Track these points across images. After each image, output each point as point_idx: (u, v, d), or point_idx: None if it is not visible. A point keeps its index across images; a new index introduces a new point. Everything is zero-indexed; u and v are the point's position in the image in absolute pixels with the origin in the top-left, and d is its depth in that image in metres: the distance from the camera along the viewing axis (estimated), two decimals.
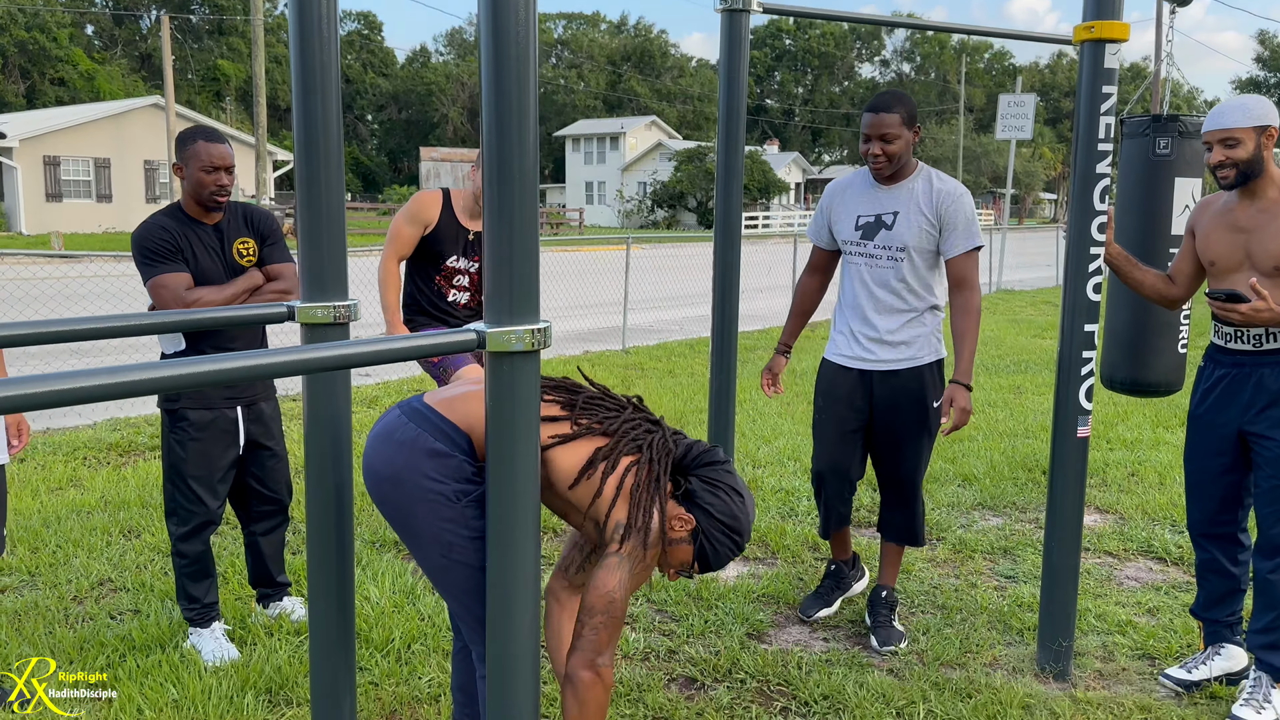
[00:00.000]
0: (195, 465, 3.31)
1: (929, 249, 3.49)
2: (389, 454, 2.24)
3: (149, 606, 3.68)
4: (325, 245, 2.50)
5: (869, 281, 3.56)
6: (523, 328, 2.01)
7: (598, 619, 2.20)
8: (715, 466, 2.33)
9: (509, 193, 1.98)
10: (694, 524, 2.28)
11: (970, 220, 3.47)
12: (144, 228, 3.24)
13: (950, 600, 3.94)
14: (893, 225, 3.50)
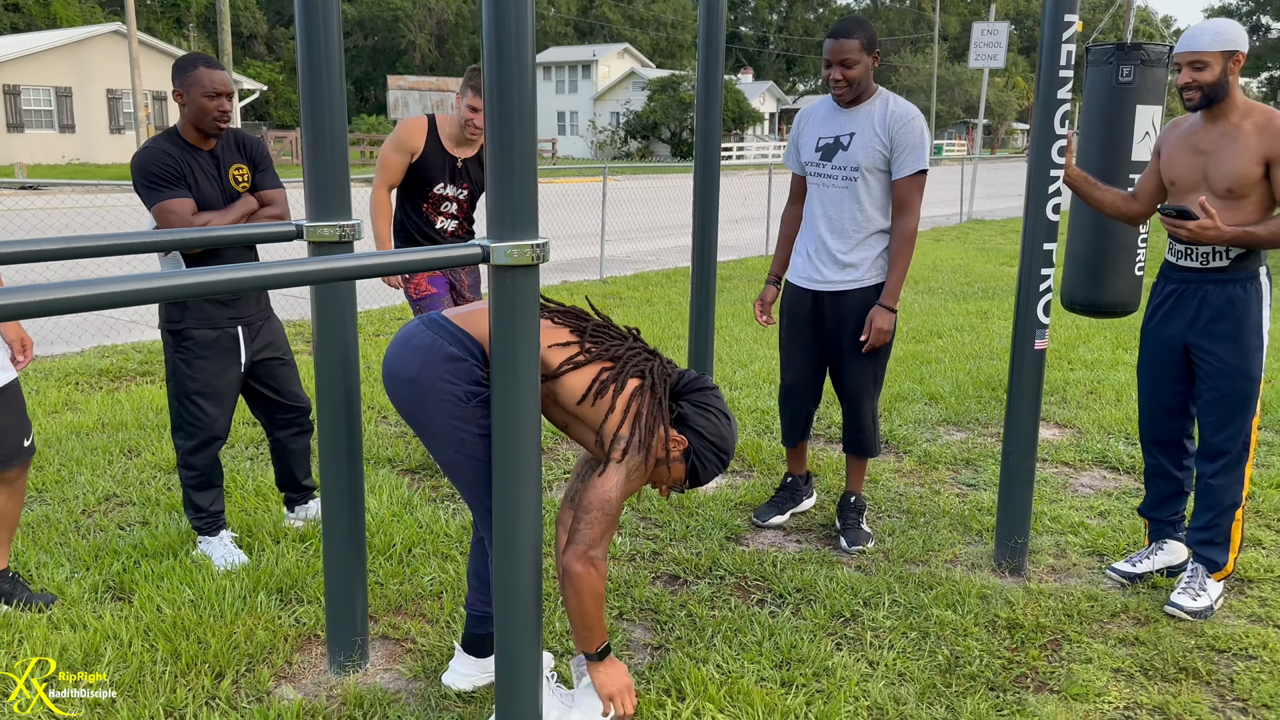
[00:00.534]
0: (201, 382, 3.46)
1: (882, 170, 3.62)
2: (407, 358, 2.42)
3: (156, 518, 3.86)
4: (329, 169, 2.64)
5: (825, 202, 3.71)
6: (524, 243, 2.17)
7: (593, 514, 2.40)
8: (705, 392, 2.53)
9: (510, 118, 2.12)
10: (686, 444, 2.49)
11: (920, 144, 3.60)
12: (146, 153, 3.34)
13: (915, 506, 4.19)
14: (849, 146, 3.63)
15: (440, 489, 4.31)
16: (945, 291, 10.08)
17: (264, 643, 2.93)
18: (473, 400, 2.38)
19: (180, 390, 3.49)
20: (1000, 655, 2.99)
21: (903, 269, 3.63)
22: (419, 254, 2.25)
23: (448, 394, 2.37)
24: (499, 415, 2.24)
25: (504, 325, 2.22)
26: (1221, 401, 3.27)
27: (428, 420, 2.40)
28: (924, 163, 3.60)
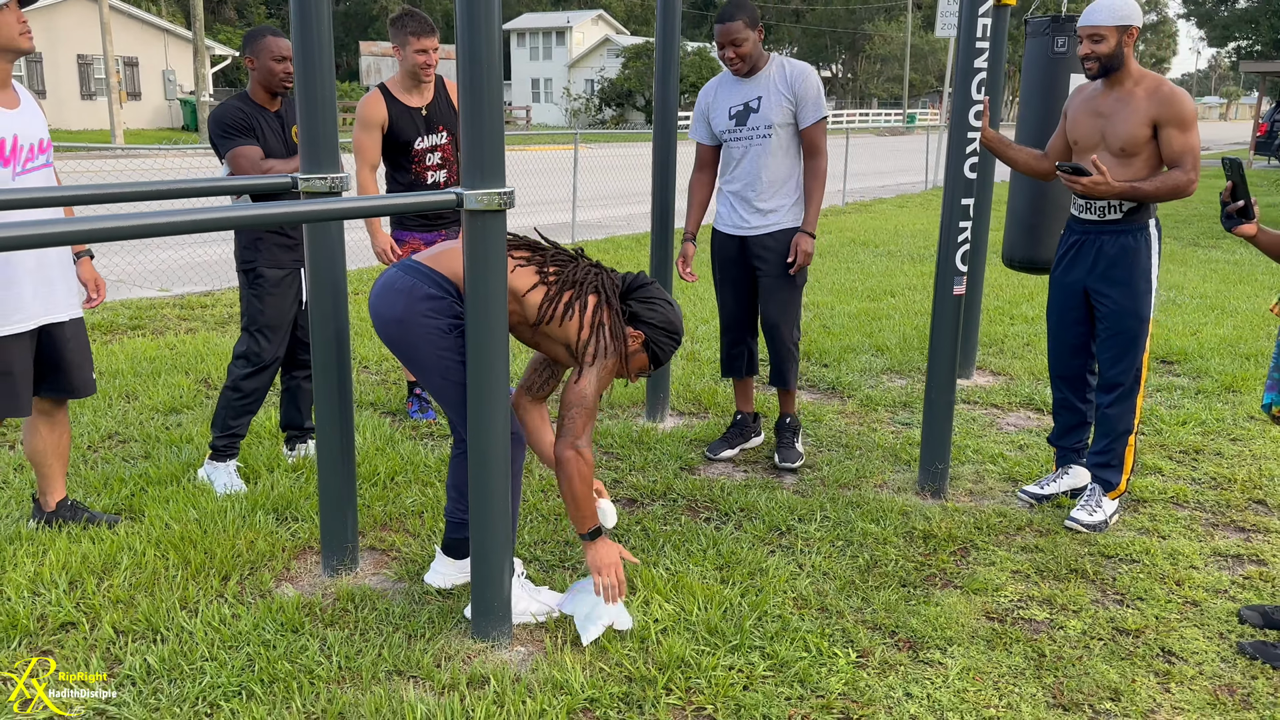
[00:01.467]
0: (271, 315, 3.89)
1: (790, 123, 4.11)
2: (392, 300, 2.77)
3: (158, 453, 4.21)
4: (320, 128, 2.98)
5: (745, 159, 4.18)
6: (493, 191, 2.53)
7: (574, 410, 2.79)
8: (647, 288, 2.92)
9: (479, 80, 2.48)
10: (643, 337, 2.88)
11: (818, 94, 4.12)
12: (222, 108, 3.81)
13: (852, 441, 4.61)
14: (759, 108, 4.12)
15: (419, 429, 4.68)
16: (904, 255, 10.49)
17: (264, 551, 3.30)
18: (454, 332, 2.74)
19: (251, 322, 3.91)
20: (914, 560, 3.40)
21: (819, 200, 4.17)
22: (402, 199, 2.61)
23: (431, 328, 2.73)
24: (473, 341, 2.61)
25: (476, 263, 2.58)
26: (1115, 339, 3.68)
27: (415, 353, 2.77)
28: (824, 110, 4.13)
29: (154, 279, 8.29)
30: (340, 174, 2.98)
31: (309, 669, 2.65)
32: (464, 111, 2.50)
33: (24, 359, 3.21)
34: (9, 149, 3.10)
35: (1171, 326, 6.94)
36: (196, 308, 7.14)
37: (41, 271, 3.22)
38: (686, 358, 5.99)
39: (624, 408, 5.06)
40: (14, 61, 3.18)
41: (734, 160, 4.21)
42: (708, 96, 4.28)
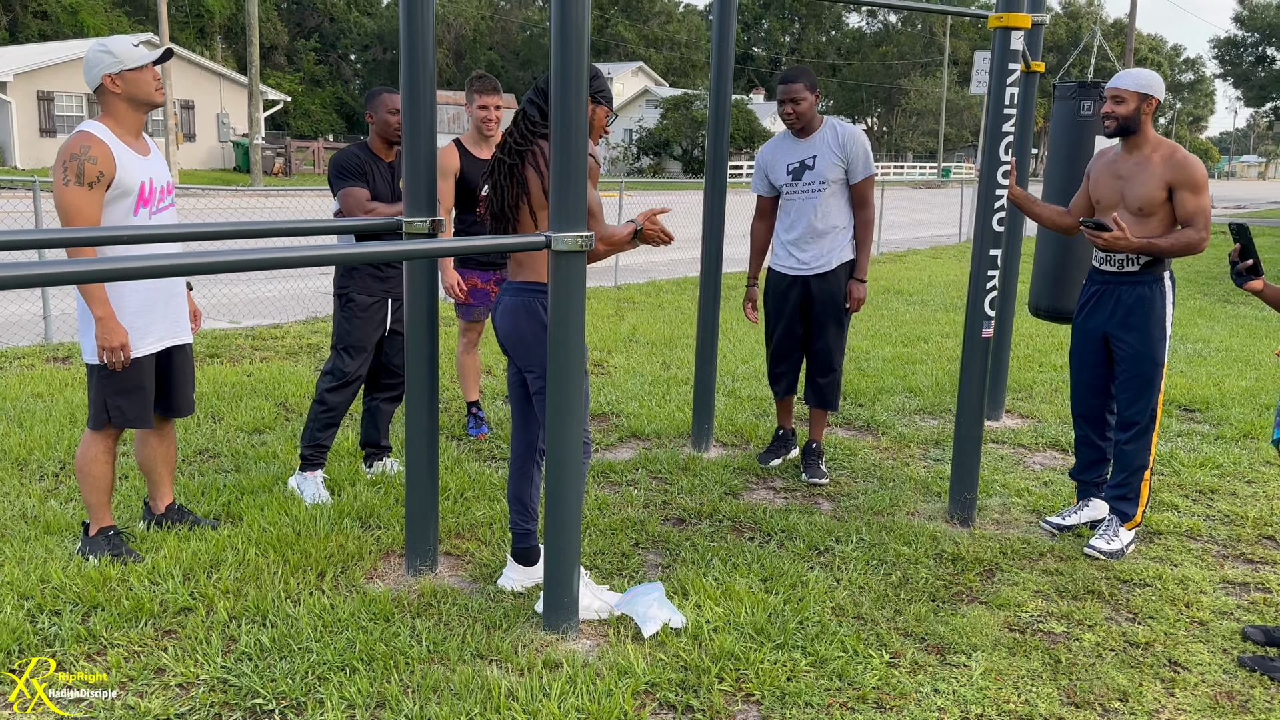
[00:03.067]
0: (357, 336, 4.32)
1: (840, 179, 4.71)
2: (510, 317, 3.24)
3: (247, 466, 4.61)
4: (421, 175, 3.40)
5: (800, 210, 4.76)
6: (575, 234, 2.92)
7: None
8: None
9: (569, 139, 2.88)
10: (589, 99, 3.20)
11: (867, 155, 4.72)
12: (341, 154, 4.29)
13: (886, 474, 4.92)
14: (814, 165, 4.71)
15: (482, 451, 5.05)
16: (937, 304, 10.81)
17: (353, 553, 3.67)
18: None
19: (339, 341, 4.34)
20: (943, 578, 3.71)
21: (868, 249, 4.79)
22: (495, 240, 3.00)
23: (540, 339, 3.20)
24: (554, 362, 2.99)
25: (560, 295, 2.96)
26: (1132, 381, 4.00)
27: (532, 358, 3.22)
28: (872, 169, 4.72)
29: (224, 312, 8.79)
30: (439, 217, 3.39)
31: (402, 650, 3.00)
32: (554, 166, 2.90)
33: (151, 377, 3.62)
34: (146, 191, 3.54)
35: (1196, 377, 7.20)
36: (268, 338, 7.60)
37: (173, 299, 3.65)
38: (729, 395, 6.34)
39: (671, 438, 5.41)
40: (148, 114, 3.63)
41: (791, 210, 4.79)
42: (767, 155, 4.87)
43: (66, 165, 3.35)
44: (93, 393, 3.59)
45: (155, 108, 3.62)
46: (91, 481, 3.64)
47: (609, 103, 3.33)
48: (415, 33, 3.27)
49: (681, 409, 5.88)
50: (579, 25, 2.82)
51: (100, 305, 3.39)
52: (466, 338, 5.32)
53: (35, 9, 53.53)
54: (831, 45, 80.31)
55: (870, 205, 4.75)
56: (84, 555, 3.58)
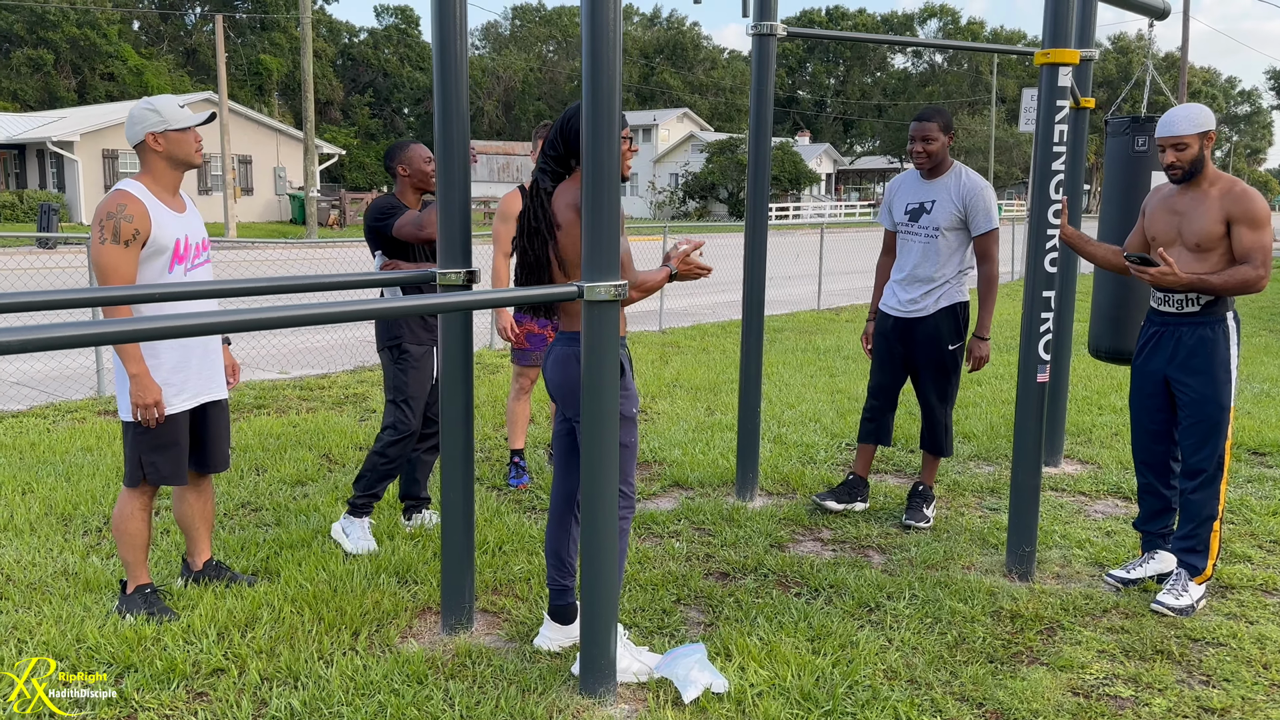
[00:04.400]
0: (415, 387, 4.31)
1: (956, 229, 4.63)
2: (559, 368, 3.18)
3: (288, 520, 4.57)
4: (456, 227, 3.36)
5: (912, 252, 4.71)
6: (609, 284, 2.85)
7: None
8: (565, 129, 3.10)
9: (601, 188, 2.82)
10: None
11: (989, 208, 4.61)
12: (380, 199, 4.33)
13: (940, 524, 4.74)
14: (931, 210, 4.65)
15: (522, 502, 4.97)
16: (997, 344, 10.55)
17: (389, 610, 3.59)
18: None
19: (398, 394, 4.31)
20: (1001, 637, 3.53)
21: (989, 306, 4.71)
22: (526, 292, 2.94)
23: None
24: (588, 414, 2.90)
25: (593, 346, 2.89)
26: (1197, 427, 3.81)
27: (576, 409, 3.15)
28: (994, 222, 4.62)
29: (273, 362, 8.88)
30: (473, 268, 3.35)
31: (434, 716, 2.90)
32: (586, 216, 2.84)
33: (186, 433, 3.61)
34: (182, 248, 3.55)
35: (1265, 419, 6.91)
36: (315, 389, 7.64)
37: (207, 355, 3.64)
38: (774, 441, 6.21)
39: (714, 486, 5.29)
40: (185, 173, 3.65)
41: (903, 250, 4.77)
42: (893, 190, 4.86)
43: (104, 224, 3.37)
44: (128, 449, 3.58)
45: (193, 168, 3.65)
46: (128, 539, 3.62)
47: (631, 136, 3.28)
48: (449, 83, 3.25)
49: (726, 456, 5.75)
50: (610, 68, 2.78)
51: (134, 363, 3.38)
52: (519, 384, 5.27)
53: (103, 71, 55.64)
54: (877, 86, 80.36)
55: (993, 260, 4.62)
56: (121, 613, 3.54)
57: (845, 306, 13.98)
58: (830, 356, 9.58)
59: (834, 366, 9.01)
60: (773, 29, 4.80)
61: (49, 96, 52.55)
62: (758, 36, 4.82)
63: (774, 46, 4.87)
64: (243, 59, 61.47)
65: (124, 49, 56.33)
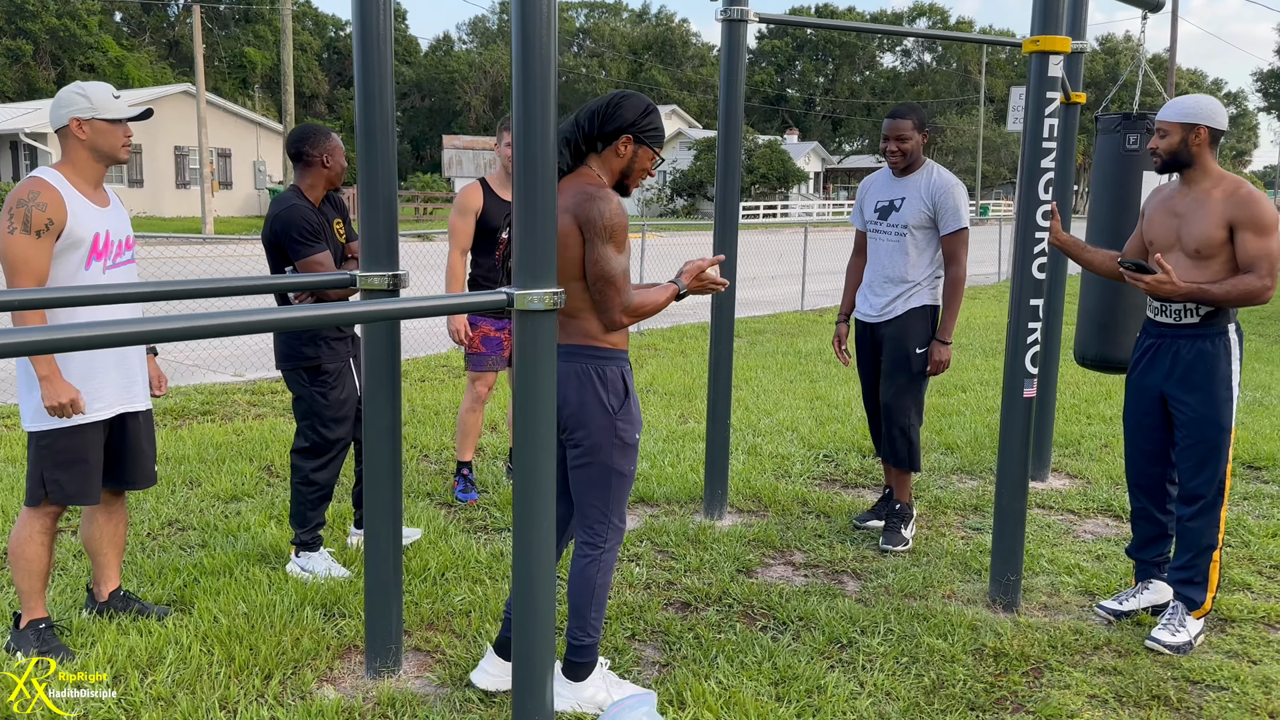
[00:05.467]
0: (335, 408, 3.94)
1: (926, 227, 4.35)
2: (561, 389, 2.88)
3: (215, 541, 4.22)
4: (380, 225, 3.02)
5: (880, 252, 4.45)
6: (543, 291, 2.51)
7: (600, 285, 2.77)
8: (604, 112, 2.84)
9: (534, 181, 2.48)
10: (629, 137, 2.86)
11: (958, 207, 4.30)
12: (292, 210, 3.83)
13: (920, 546, 4.42)
14: (900, 208, 4.39)
15: (474, 520, 4.63)
16: (975, 348, 10.28)
17: (309, 650, 3.25)
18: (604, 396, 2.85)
19: (317, 419, 3.93)
20: (984, 680, 3.21)
21: (954, 310, 4.37)
22: (454, 300, 2.60)
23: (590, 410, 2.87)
24: (520, 438, 2.57)
25: (526, 363, 2.55)
26: (1195, 448, 3.50)
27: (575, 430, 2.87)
28: (963, 221, 4.31)
29: (229, 364, 8.50)
30: (398, 272, 3.01)
31: None
32: (517, 211, 2.50)
33: (98, 447, 3.26)
34: (101, 244, 3.20)
35: (1259, 429, 6.62)
36: (267, 393, 7.27)
37: (124, 364, 3.30)
38: (748, 452, 5.88)
39: (681, 503, 4.96)
40: (109, 167, 3.31)
41: (872, 251, 4.51)
42: (865, 188, 4.61)
43: (13, 212, 3.04)
44: (31, 465, 3.24)
45: (117, 164, 3.31)
46: (24, 566, 3.27)
47: (657, 142, 2.91)
48: (370, 61, 2.91)
49: (696, 469, 5.42)
50: (543, 50, 2.44)
51: (43, 364, 3.05)
52: (474, 391, 4.93)
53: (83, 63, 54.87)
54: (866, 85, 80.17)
55: (959, 262, 4.34)
56: (10, 651, 3.19)
57: (829, 307, 13.67)
58: (811, 360, 9.26)
59: (815, 371, 8.69)
60: (743, 14, 4.47)
61: (27, 88, 51.78)
62: (727, 22, 4.49)
63: (744, 33, 4.54)
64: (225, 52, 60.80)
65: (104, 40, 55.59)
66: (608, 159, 2.88)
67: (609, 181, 2.92)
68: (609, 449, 2.86)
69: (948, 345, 4.38)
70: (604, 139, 2.86)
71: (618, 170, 2.91)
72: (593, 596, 2.92)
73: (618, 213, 2.77)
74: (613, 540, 2.93)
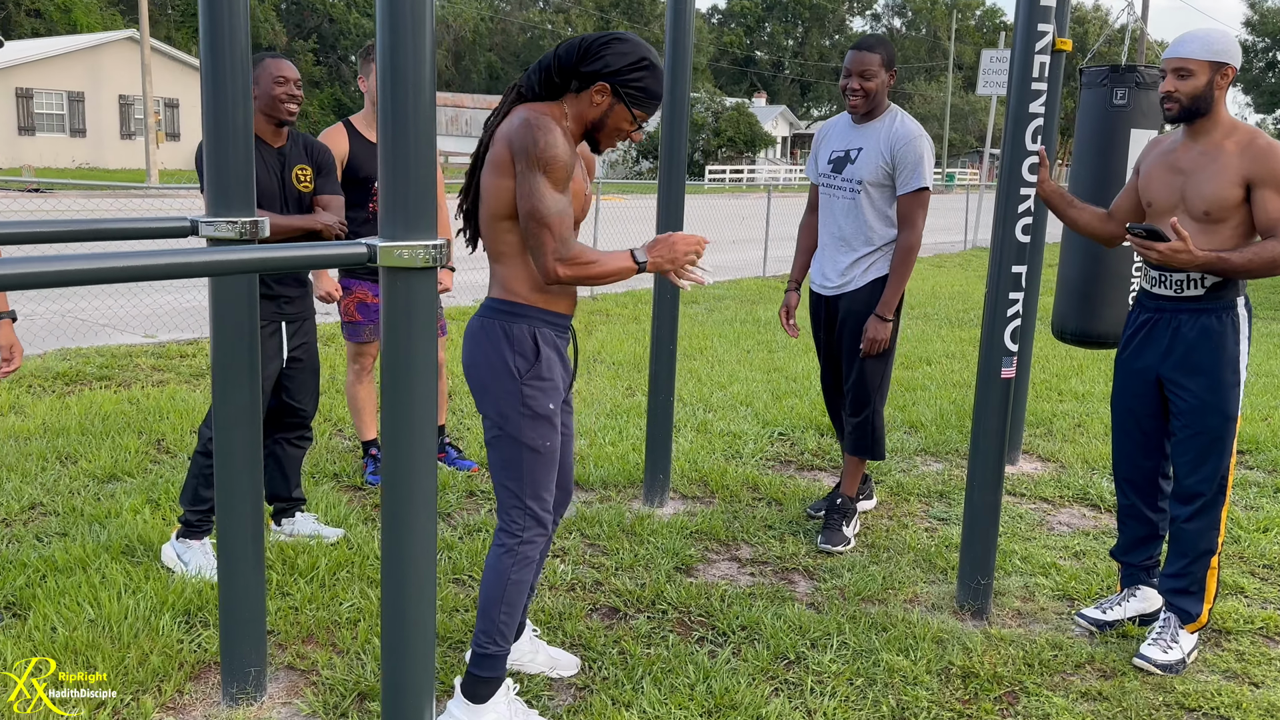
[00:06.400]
0: None
1: (884, 184, 3.73)
2: (467, 345, 2.50)
3: (77, 530, 3.67)
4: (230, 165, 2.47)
5: (834, 212, 3.85)
6: (417, 243, 1.99)
7: (532, 226, 2.30)
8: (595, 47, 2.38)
9: (403, 101, 1.94)
10: (606, 87, 2.37)
11: (919, 162, 3.67)
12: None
13: (880, 540, 3.97)
14: (856, 160, 3.77)
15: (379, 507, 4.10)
16: (940, 318, 9.87)
17: (157, 669, 2.73)
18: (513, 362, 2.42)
19: None
20: (950, 708, 2.77)
21: (899, 280, 3.74)
22: (310, 250, 2.06)
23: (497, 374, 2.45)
24: (389, 418, 2.05)
25: (394, 331, 2.02)
26: (1195, 440, 3.05)
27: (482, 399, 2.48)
28: (924, 180, 3.69)
29: (141, 324, 7.85)
30: (253, 218, 2.46)
31: None
32: (383, 141, 1.97)
33: None
34: None
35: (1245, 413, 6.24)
36: (175, 357, 6.65)
37: None
38: (696, 429, 5.40)
39: (619, 488, 4.47)
40: None
41: (824, 209, 3.92)
42: (822, 134, 4.00)
43: None
44: None
45: None
46: None
47: (640, 104, 2.42)
48: None
49: (638, 449, 4.93)
50: None
51: None
52: (358, 364, 4.38)
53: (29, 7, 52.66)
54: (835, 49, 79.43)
55: (913, 227, 3.72)
56: None
57: None
58: (771, 329, 8.79)
59: (774, 341, 8.21)
60: None
61: None
62: None
63: None
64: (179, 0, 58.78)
65: None
66: (581, 104, 2.41)
67: (575, 130, 2.44)
68: (516, 419, 2.43)
69: (887, 323, 3.74)
70: (580, 79, 2.38)
71: (588, 120, 2.43)
72: (503, 595, 2.47)
73: (559, 145, 2.29)
74: (532, 530, 2.48)
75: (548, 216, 2.29)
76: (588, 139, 2.46)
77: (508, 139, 2.32)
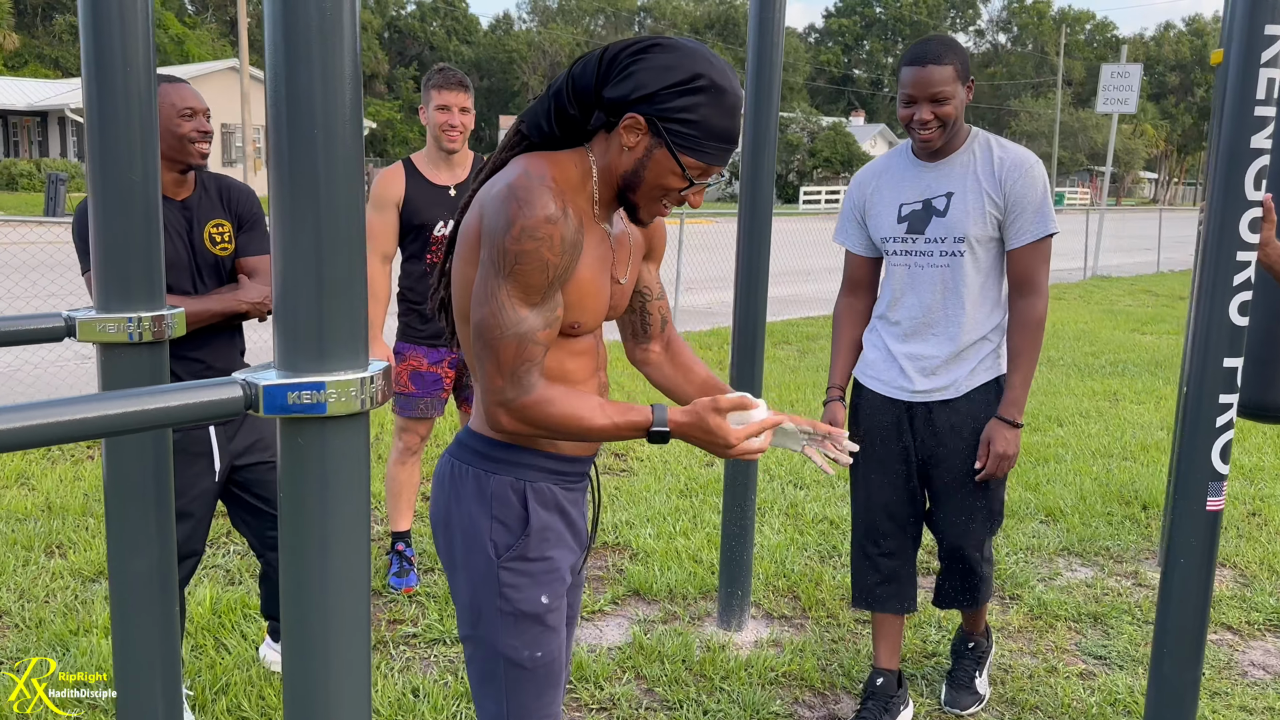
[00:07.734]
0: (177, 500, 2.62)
1: (994, 237, 2.66)
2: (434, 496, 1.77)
3: (29, 654, 3.05)
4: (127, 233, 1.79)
5: (918, 288, 2.73)
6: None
7: (476, 345, 1.57)
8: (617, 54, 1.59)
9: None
10: (639, 120, 1.57)
11: (1044, 199, 2.64)
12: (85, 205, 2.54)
13: (1022, 690, 3.09)
14: (946, 210, 2.66)
15: (399, 624, 3.40)
16: (1066, 364, 8.81)
17: None
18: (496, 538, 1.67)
19: None
20: None
21: (1028, 369, 2.65)
22: (180, 396, 1.35)
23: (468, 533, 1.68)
24: (288, 596, 1.32)
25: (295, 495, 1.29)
26: None
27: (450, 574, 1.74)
28: (1052, 224, 2.64)
29: None
30: (158, 312, 1.76)
31: None
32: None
33: None
34: None
35: None
36: None
37: None
38: (785, 512, 4.57)
39: (689, 600, 3.67)
40: None
41: (900, 285, 2.76)
42: (867, 186, 2.83)
43: None
44: None
45: None
46: None
47: (695, 145, 1.57)
48: None
49: (714, 543, 4.14)
50: None
51: None
52: (403, 441, 3.71)
53: None
54: None
55: (1040, 292, 2.65)
56: None
57: None
58: None
59: None
60: None
61: None
62: None
63: None
64: None
65: (167, 17, 55.60)
66: (611, 150, 1.63)
67: (604, 194, 1.65)
68: (491, 617, 1.67)
69: (1017, 430, 2.64)
70: (606, 108, 1.59)
71: (619, 170, 1.62)
72: None
73: (540, 233, 1.49)
74: None
75: (499, 338, 1.52)
76: (622, 203, 1.67)
77: (480, 210, 1.57)
